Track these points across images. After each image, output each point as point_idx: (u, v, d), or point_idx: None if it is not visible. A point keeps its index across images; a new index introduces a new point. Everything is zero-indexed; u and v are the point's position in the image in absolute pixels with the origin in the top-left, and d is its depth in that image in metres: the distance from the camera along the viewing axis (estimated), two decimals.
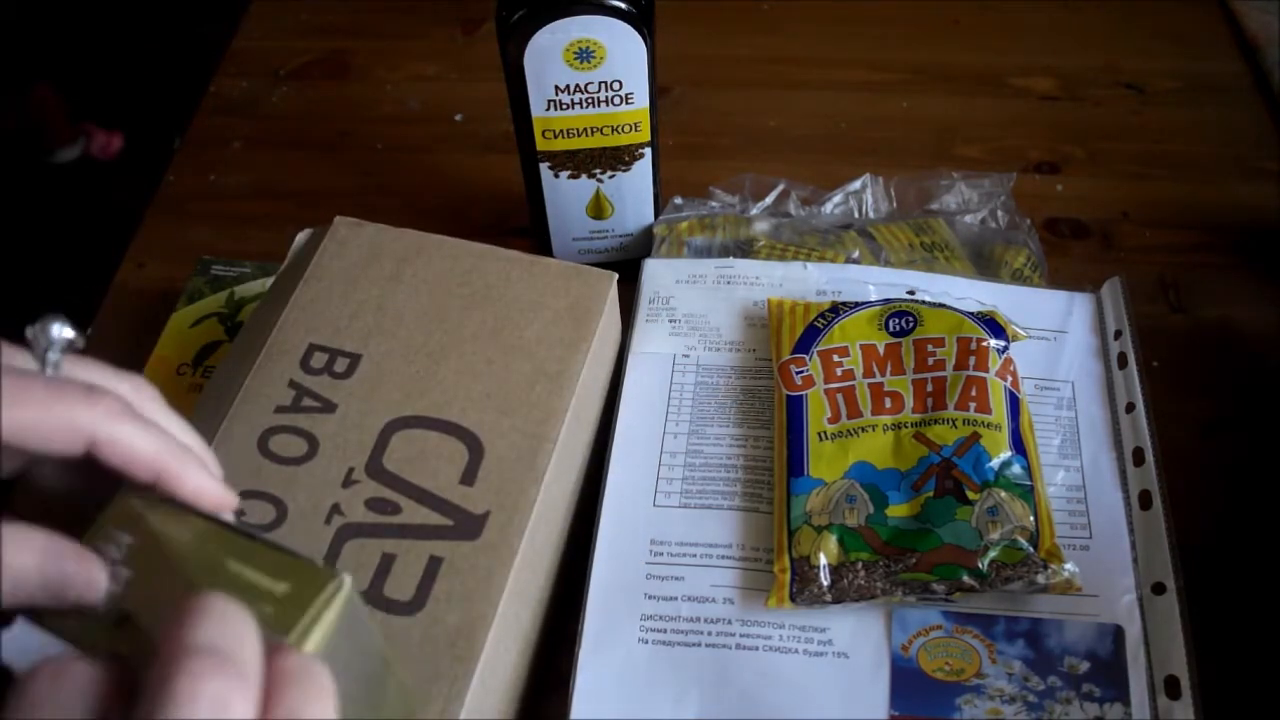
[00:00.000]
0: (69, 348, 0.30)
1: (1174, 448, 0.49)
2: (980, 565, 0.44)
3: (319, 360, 0.46)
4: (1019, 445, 0.47)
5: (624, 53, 0.52)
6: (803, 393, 0.50)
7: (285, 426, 0.44)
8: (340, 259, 0.49)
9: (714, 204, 0.62)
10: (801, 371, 0.50)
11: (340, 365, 0.46)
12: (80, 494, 0.31)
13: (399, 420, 0.44)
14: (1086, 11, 0.80)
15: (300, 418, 0.44)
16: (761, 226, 0.60)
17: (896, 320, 0.51)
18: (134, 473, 0.30)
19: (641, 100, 0.54)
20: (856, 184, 0.63)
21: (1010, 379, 0.49)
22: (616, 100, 0.53)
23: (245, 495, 0.41)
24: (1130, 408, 0.50)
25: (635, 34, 0.51)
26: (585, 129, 0.55)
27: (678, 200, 0.62)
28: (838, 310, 0.52)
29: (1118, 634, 0.44)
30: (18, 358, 0.30)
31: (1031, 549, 0.44)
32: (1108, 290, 0.55)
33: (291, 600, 0.28)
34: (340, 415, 0.44)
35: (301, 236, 0.52)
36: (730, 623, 0.45)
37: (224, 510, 0.31)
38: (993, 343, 0.50)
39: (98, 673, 0.25)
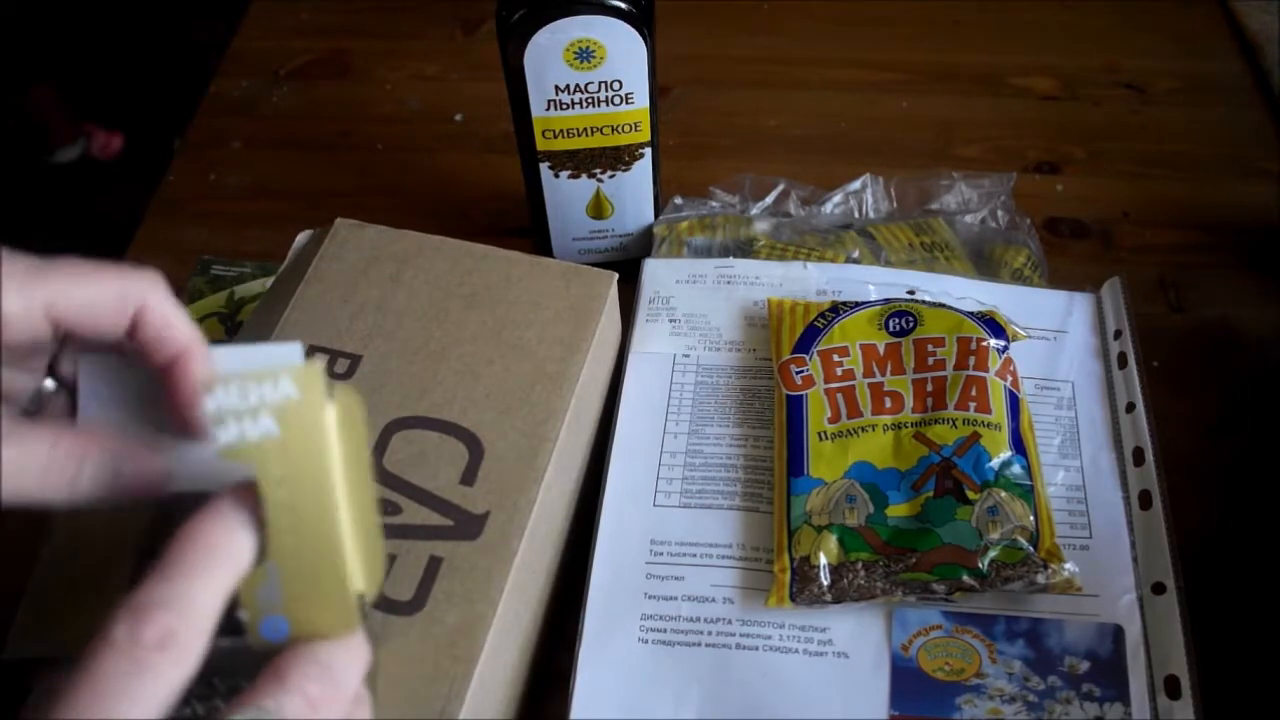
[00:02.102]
0: None
1: (1174, 448, 0.49)
2: (980, 565, 0.44)
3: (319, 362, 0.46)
4: (1019, 445, 0.47)
5: (624, 53, 0.51)
6: (803, 392, 0.50)
7: None
8: (341, 261, 0.49)
9: (714, 204, 0.62)
10: (801, 371, 0.50)
11: (341, 366, 0.46)
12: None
13: (399, 421, 0.44)
14: (1086, 11, 0.80)
15: None
16: (761, 226, 0.60)
17: (896, 320, 0.51)
18: (164, 348, 0.31)
19: (641, 100, 0.54)
20: (856, 184, 0.63)
21: (1010, 379, 0.49)
22: (616, 100, 0.53)
23: None
24: (1130, 408, 0.50)
25: (635, 34, 0.51)
26: (585, 129, 0.55)
27: (678, 200, 0.62)
28: (838, 310, 0.52)
29: (1118, 634, 0.44)
30: None
31: (1031, 549, 0.44)
32: (1108, 290, 0.55)
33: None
34: None
35: (301, 237, 0.52)
36: (730, 622, 0.45)
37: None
38: (993, 342, 0.50)
39: None
